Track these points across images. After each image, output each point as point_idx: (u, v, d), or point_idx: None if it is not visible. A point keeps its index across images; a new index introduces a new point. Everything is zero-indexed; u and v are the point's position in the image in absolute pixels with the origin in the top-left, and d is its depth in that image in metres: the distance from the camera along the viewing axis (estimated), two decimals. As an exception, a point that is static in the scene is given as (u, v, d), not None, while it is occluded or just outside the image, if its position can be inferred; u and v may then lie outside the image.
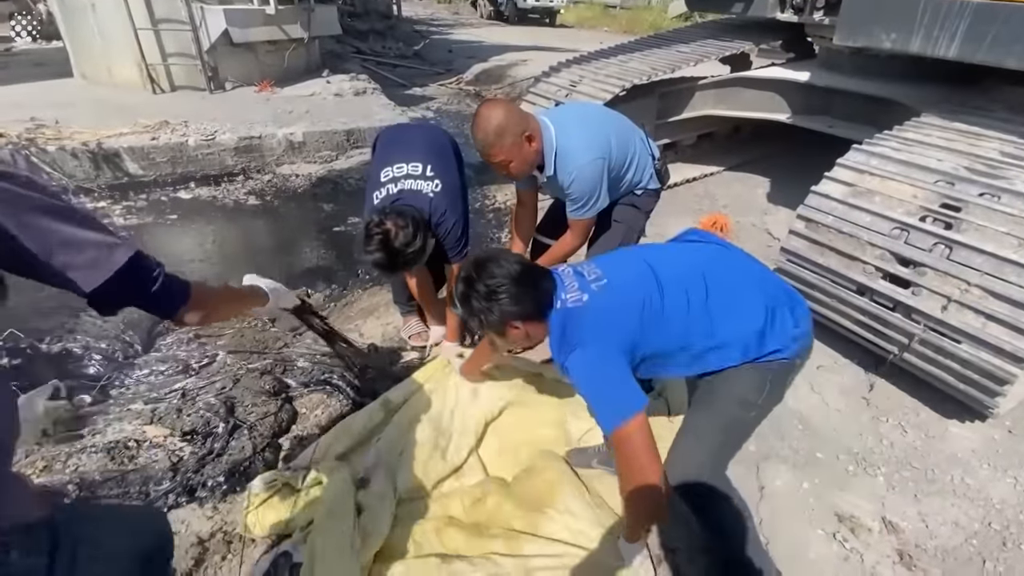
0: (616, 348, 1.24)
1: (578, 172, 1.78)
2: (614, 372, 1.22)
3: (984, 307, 1.75)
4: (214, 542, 1.63)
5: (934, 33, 2.13)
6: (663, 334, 1.28)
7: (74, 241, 0.78)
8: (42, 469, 1.67)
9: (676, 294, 1.28)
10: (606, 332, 1.25)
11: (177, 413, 1.97)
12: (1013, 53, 2.01)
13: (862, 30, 2.38)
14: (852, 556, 1.65)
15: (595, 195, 1.82)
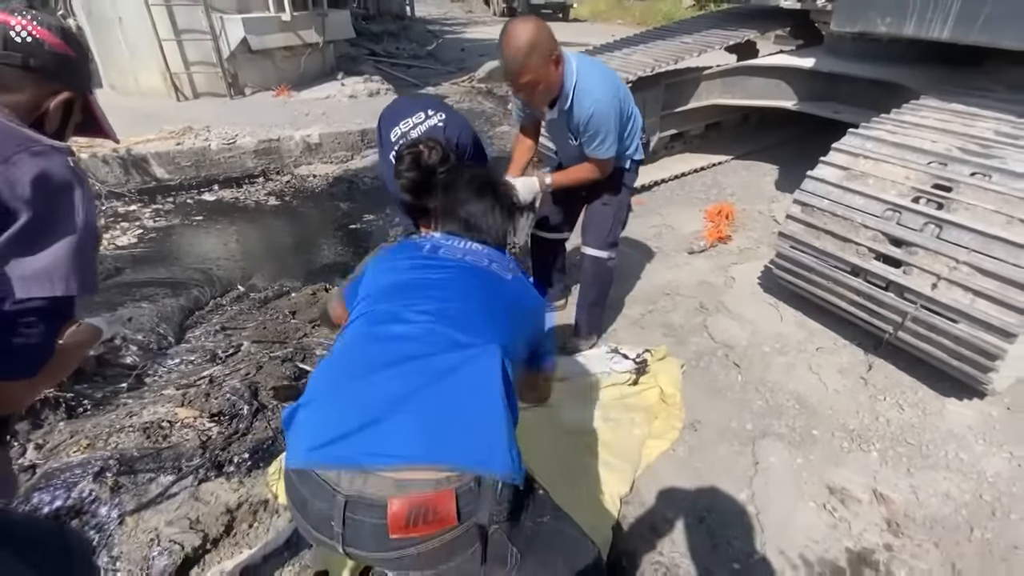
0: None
1: (596, 106, 1.80)
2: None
3: (972, 284, 1.79)
4: (241, 512, 1.77)
5: (927, 15, 2.16)
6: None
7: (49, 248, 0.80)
8: (85, 447, 1.84)
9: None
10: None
11: (205, 397, 2.12)
12: (1006, 33, 2.03)
13: (859, 15, 2.42)
14: (840, 524, 1.72)
15: (612, 132, 1.85)
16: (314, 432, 0.89)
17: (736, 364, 2.38)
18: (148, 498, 1.73)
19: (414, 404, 0.86)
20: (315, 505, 0.88)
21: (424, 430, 0.85)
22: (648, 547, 1.67)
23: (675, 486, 1.85)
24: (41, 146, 0.83)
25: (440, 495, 0.82)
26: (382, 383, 0.90)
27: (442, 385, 0.88)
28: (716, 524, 1.73)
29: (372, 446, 0.84)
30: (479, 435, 0.86)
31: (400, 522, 0.82)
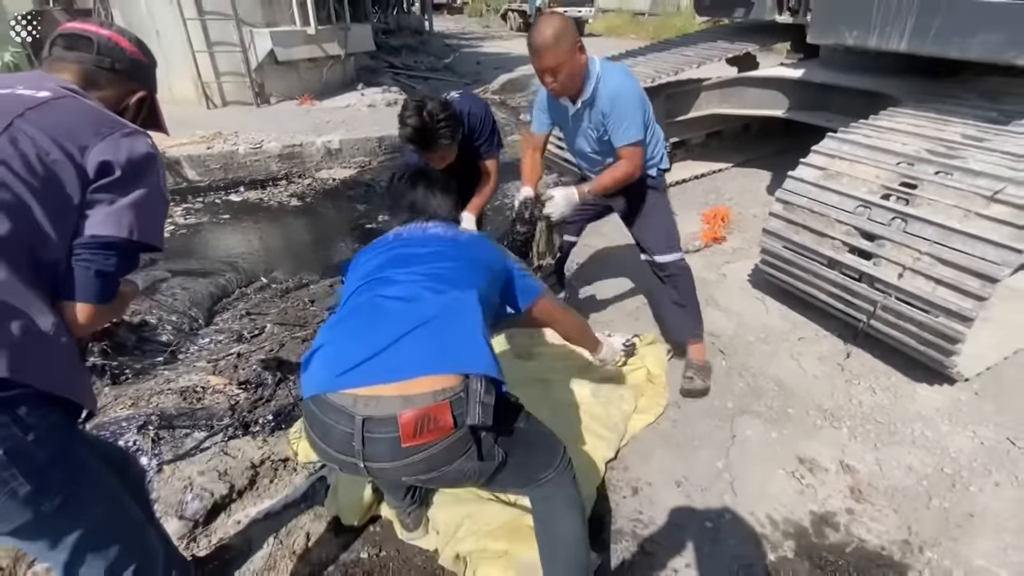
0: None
1: (620, 89, 1.85)
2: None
3: (933, 273, 1.95)
4: (264, 467, 1.98)
5: (887, 30, 2.36)
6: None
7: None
8: (130, 405, 2.07)
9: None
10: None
11: (234, 368, 2.35)
12: (952, 45, 2.21)
13: (830, 29, 2.62)
14: (807, 490, 1.87)
15: (638, 114, 1.87)
16: (330, 365, 1.08)
17: (721, 351, 2.54)
18: (183, 451, 1.95)
19: (411, 335, 1.07)
20: (337, 429, 1.05)
21: (422, 350, 1.06)
22: (629, 506, 1.83)
23: (657, 454, 2.02)
24: (130, 128, 1.05)
25: (439, 405, 1.02)
26: (383, 326, 1.10)
27: (432, 320, 1.09)
28: (692, 488, 1.89)
29: (381, 367, 1.04)
30: (464, 347, 1.08)
31: (409, 431, 1.01)
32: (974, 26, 2.13)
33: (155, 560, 1.22)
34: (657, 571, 1.63)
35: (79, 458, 1.01)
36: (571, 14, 17.83)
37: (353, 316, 1.17)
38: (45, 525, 0.98)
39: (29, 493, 0.90)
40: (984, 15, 2.10)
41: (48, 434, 0.93)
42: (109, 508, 1.09)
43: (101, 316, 1.03)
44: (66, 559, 1.03)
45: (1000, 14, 2.06)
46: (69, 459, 0.98)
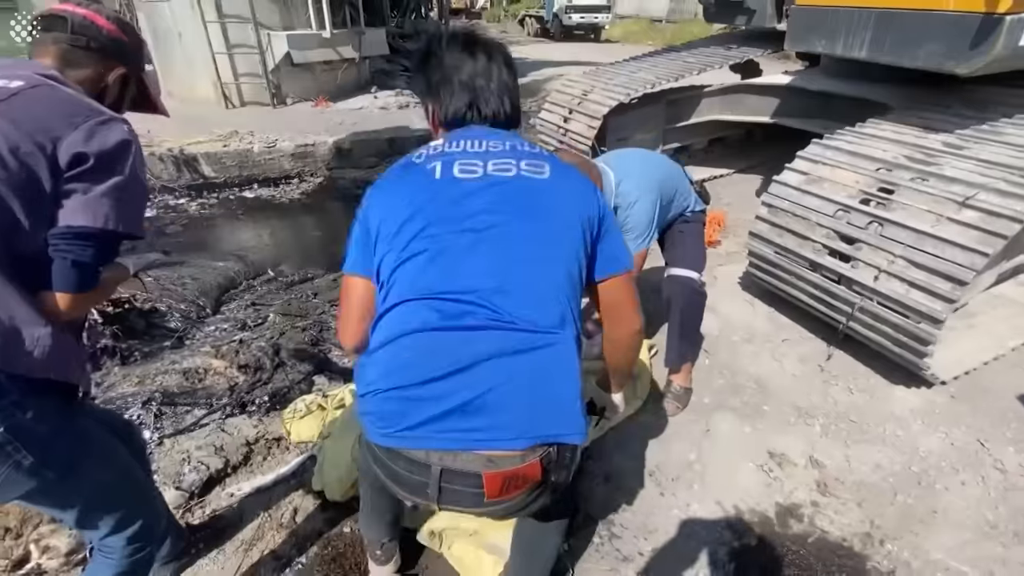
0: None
1: (631, 208, 1.95)
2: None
3: (907, 275, 2.00)
4: (258, 445, 2.09)
5: (850, 40, 2.47)
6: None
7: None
8: (136, 383, 2.20)
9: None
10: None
11: (235, 353, 2.48)
12: (906, 53, 2.32)
13: (802, 38, 2.75)
14: (775, 483, 1.93)
15: (647, 229, 1.97)
16: (396, 412, 0.91)
17: (705, 350, 2.61)
18: (183, 426, 2.07)
19: (497, 392, 0.88)
20: (409, 477, 0.94)
21: (512, 416, 0.89)
22: (601, 492, 1.91)
23: (632, 444, 2.09)
24: (105, 115, 1.01)
25: (530, 466, 0.90)
26: (460, 376, 0.89)
27: (521, 372, 0.90)
28: (664, 477, 1.96)
29: (462, 434, 0.88)
30: (559, 413, 0.92)
31: (495, 491, 0.90)
32: (919, 37, 2.21)
33: (159, 520, 1.33)
34: (622, 553, 1.70)
35: (81, 429, 1.08)
36: (588, 20, 18.05)
37: (416, 343, 0.92)
38: (52, 491, 1.05)
39: (33, 464, 0.97)
40: (926, 27, 2.20)
41: (46, 411, 0.98)
42: (114, 473, 1.18)
43: (82, 304, 1.03)
44: (76, 518, 1.14)
45: (939, 26, 2.15)
46: (70, 431, 1.05)
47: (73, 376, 1.04)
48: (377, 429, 0.94)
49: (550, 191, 1.01)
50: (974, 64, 2.11)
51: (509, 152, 1.03)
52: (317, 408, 2.18)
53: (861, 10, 2.38)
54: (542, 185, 1.01)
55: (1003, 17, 1.96)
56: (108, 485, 1.16)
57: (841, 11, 2.47)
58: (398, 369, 0.92)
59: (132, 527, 1.21)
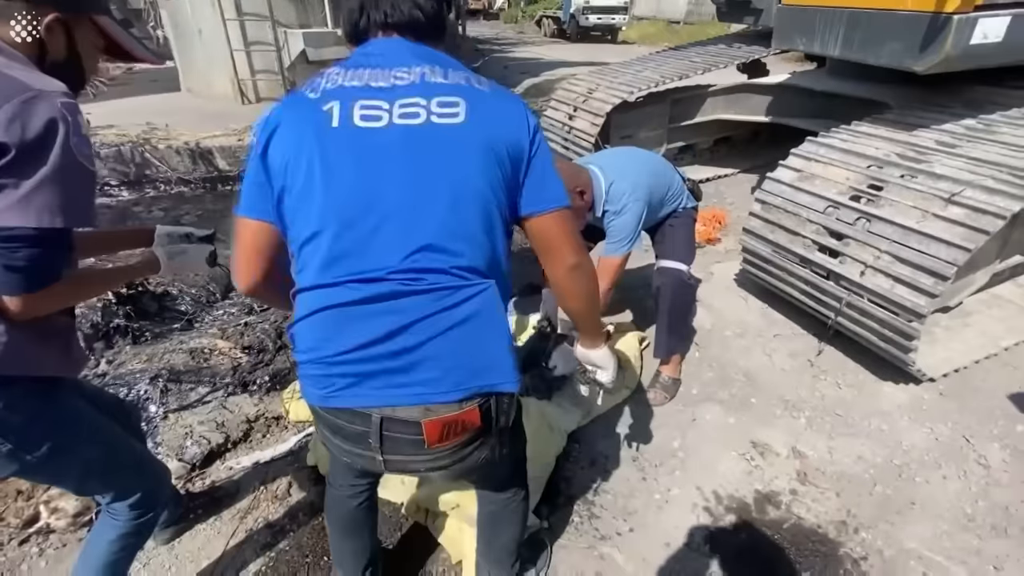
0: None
1: (618, 215, 1.97)
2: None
3: (891, 271, 2.02)
4: (258, 423, 2.19)
5: (826, 38, 2.53)
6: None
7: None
8: (145, 360, 2.31)
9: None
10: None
11: (240, 335, 2.58)
12: (871, 51, 2.37)
13: (786, 37, 2.84)
14: (755, 471, 1.97)
15: (632, 234, 1.99)
16: (330, 375, 0.92)
17: (696, 343, 2.65)
18: (187, 402, 2.17)
19: (429, 350, 0.89)
20: (351, 428, 0.95)
21: (444, 370, 0.90)
22: (584, 475, 1.97)
23: (618, 431, 2.15)
24: (30, 90, 0.85)
25: (467, 412, 0.92)
26: (391, 341, 0.89)
27: (451, 329, 0.90)
28: (647, 463, 2.01)
29: (396, 390, 0.90)
30: (491, 363, 0.94)
31: (435, 438, 0.92)
32: (882, 36, 2.25)
33: (162, 488, 1.39)
34: (600, 532, 1.76)
35: (64, 411, 1.10)
36: (605, 21, 18.04)
37: (341, 316, 0.91)
38: (39, 469, 1.08)
39: (11, 449, 1.00)
40: (888, 26, 2.25)
41: (20, 400, 0.99)
42: (103, 450, 1.20)
43: (40, 303, 0.94)
44: (74, 489, 1.22)
45: (898, 25, 2.21)
46: (50, 415, 1.06)
47: (45, 370, 1.02)
48: (316, 391, 0.94)
49: (465, 139, 0.88)
50: (929, 62, 2.17)
51: (419, 87, 0.89)
52: (315, 389, 2.27)
53: (835, 10, 2.46)
54: (456, 134, 0.88)
55: (951, 16, 2.03)
56: (98, 461, 1.19)
57: (818, 10, 2.55)
58: (329, 338, 0.92)
59: (133, 496, 1.27)
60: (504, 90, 0.97)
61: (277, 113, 0.92)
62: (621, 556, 1.68)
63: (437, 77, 0.91)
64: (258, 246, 0.97)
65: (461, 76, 0.93)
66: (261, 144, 0.91)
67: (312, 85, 0.93)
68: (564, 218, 0.98)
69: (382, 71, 0.91)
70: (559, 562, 1.66)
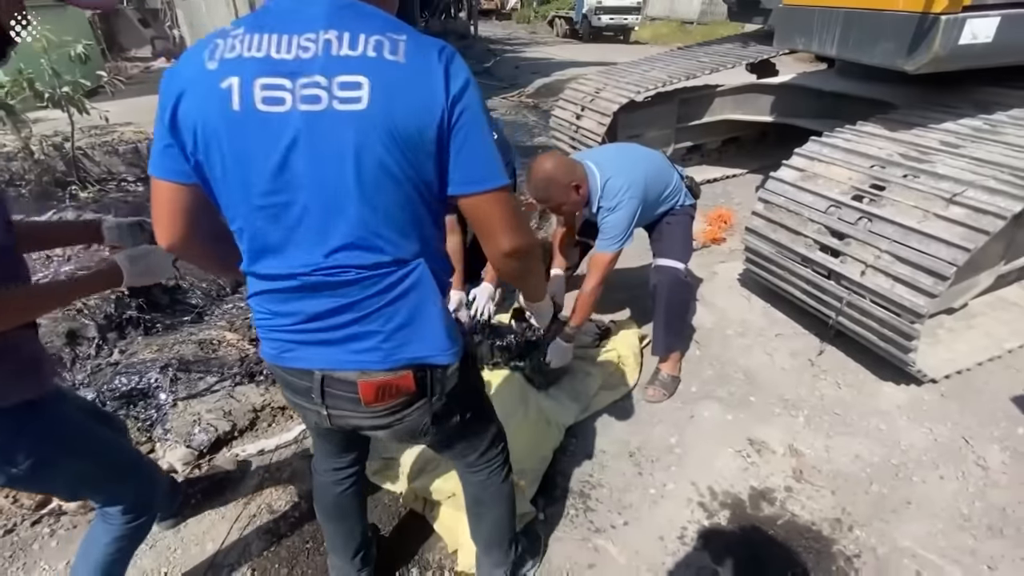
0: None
1: (612, 212, 1.99)
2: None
3: (891, 270, 2.02)
4: (264, 412, 2.24)
5: (823, 38, 2.55)
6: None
7: None
8: (156, 350, 2.38)
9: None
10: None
11: (248, 327, 2.64)
12: (865, 51, 2.39)
13: (787, 38, 2.85)
14: (751, 468, 1.98)
15: (625, 232, 2.01)
16: (275, 337, 0.99)
17: (697, 342, 2.66)
18: (196, 391, 2.23)
19: (365, 325, 0.94)
20: (297, 383, 1.02)
21: (377, 342, 0.95)
22: (582, 469, 1.99)
23: (615, 427, 2.17)
24: None
25: (401, 377, 0.97)
26: (330, 318, 0.94)
27: (386, 307, 0.93)
28: (643, 458, 2.03)
29: (331, 356, 0.96)
30: (424, 337, 0.97)
31: (370, 398, 0.97)
32: (876, 36, 2.26)
33: (155, 492, 1.38)
34: (595, 525, 1.78)
35: (47, 425, 1.10)
36: (617, 21, 18.01)
37: (283, 300, 0.95)
38: (26, 480, 1.10)
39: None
40: (880, 26, 2.26)
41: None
42: (92, 458, 1.21)
43: None
44: (66, 496, 1.23)
45: (890, 25, 2.22)
46: (31, 432, 1.07)
47: (9, 398, 1.01)
48: (269, 351, 1.02)
49: (369, 127, 0.79)
50: (918, 62, 2.18)
51: (321, 62, 0.79)
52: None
53: (831, 10, 2.47)
54: (358, 122, 0.79)
55: (939, 17, 2.05)
56: (86, 471, 1.20)
57: (816, 10, 2.56)
58: (275, 312, 0.97)
59: (125, 501, 1.28)
60: (424, 52, 0.81)
61: (181, 77, 0.83)
62: (615, 548, 1.71)
63: (344, 48, 0.79)
64: (175, 206, 0.92)
65: (372, 42, 0.79)
66: (168, 110, 0.83)
67: (210, 48, 0.82)
68: (496, 200, 0.88)
69: (288, 37, 0.80)
70: (553, 553, 1.69)
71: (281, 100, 0.79)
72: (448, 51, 0.83)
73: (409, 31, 0.82)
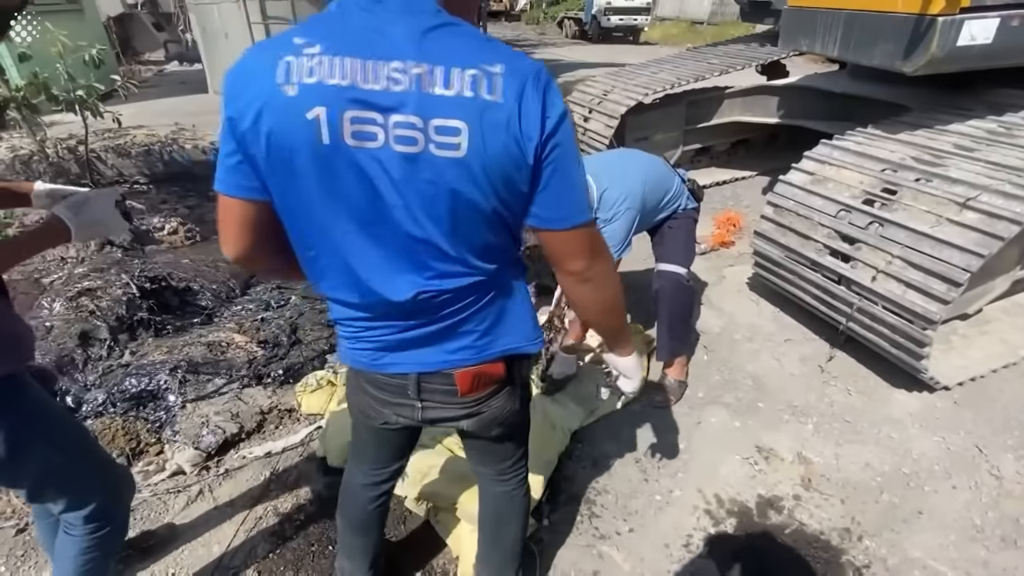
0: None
1: (609, 223, 1.97)
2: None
3: (903, 276, 1.99)
4: (271, 415, 2.26)
5: (826, 39, 2.55)
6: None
7: None
8: (165, 352, 2.40)
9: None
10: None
11: (256, 330, 2.66)
12: (865, 53, 2.38)
13: (792, 39, 2.84)
14: (759, 476, 1.96)
15: (622, 242, 1.99)
16: (367, 349, 1.01)
17: (705, 347, 2.64)
18: (204, 393, 2.25)
19: (456, 328, 0.97)
20: (392, 381, 1.04)
21: (471, 341, 0.99)
22: (587, 474, 1.98)
23: (622, 432, 2.16)
24: None
25: (493, 364, 1.03)
26: (425, 327, 0.96)
27: (478, 309, 0.96)
28: (650, 464, 2.02)
29: (430, 358, 1.00)
30: (514, 330, 1.02)
31: (466, 388, 1.02)
32: (875, 37, 2.24)
33: (116, 499, 1.30)
34: (600, 532, 1.77)
35: (27, 413, 1.08)
36: (627, 22, 17.95)
37: (365, 318, 0.97)
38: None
39: None
40: (879, 28, 2.26)
41: None
42: (74, 447, 1.18)
43: None
44: (29, 492, 1.16)
45: (889, 26, 2.21)
46: (10, 418, 1.05)
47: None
48: (360, 359, 1.03)
49: (466, 173, 0.77)
50: (916, 63, 2.18)
51: (415, 99, 0.74)
52: (327, 383, 2.33)
53: (834, 11, 2.47)
54: (456, 169, 0.77)
55: (936, 18, 2.04)
56: (60, 463, 1.15)
57: (819, 12, 2.57)
58: (366, 327, 0.98)
59: (87, 506, 1.21)
60: (520, 83, 0.76)
61: (251, 94, 0.76)
62: (619, 555, 1.70)
63: (437, 85, 0.73)
64: (245, 223, 0.88)
65: (468, 78, 0.74)
66: (240, 126, 0.77)
67: (283, 67, 0.74)
68: (576, 236, 0.87)
69: (373, 65, 0.74)
70: (558, 559, 1.68)
71: (373, 136, 0.76)
72: (544, 78, 0.78)
73: (503, 55, 0.77)
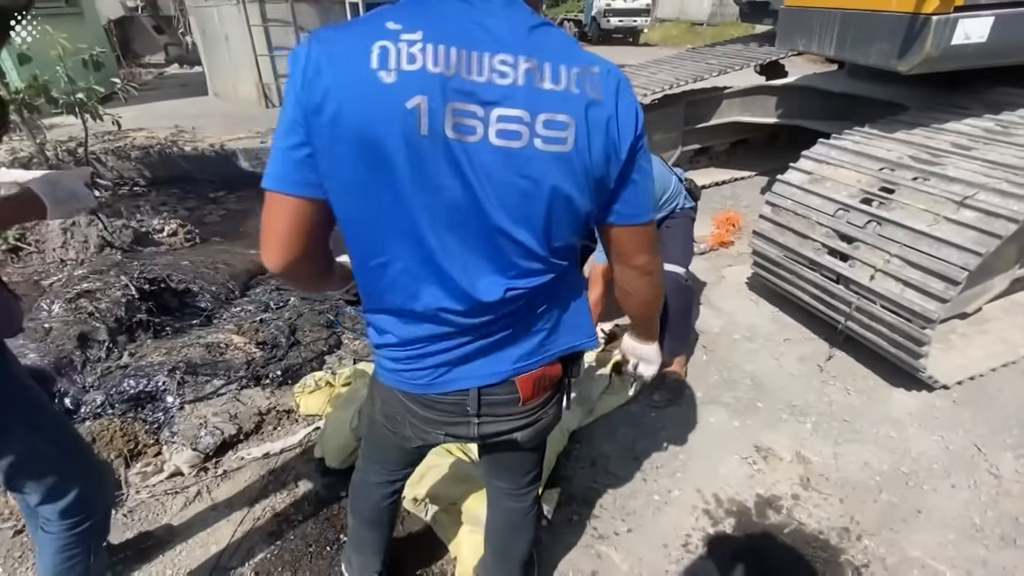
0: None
1: None
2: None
3: (901, 275, 1.99)
4: (270, 416, 2.26)
5: (822, 39, 2.57)
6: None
7: None
8: (164, 353, 2.40)
9: None
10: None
11: (255, 331, 2.66)
12: (861, 52, 2.40)
13: (789, 39, 2.87)
14: (758, 475, 1.95)
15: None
16: (430, 368, 0.93)
17: (704, 346, 2.63)
18: (203, 394, 2.25)
19: (519, 330, 0.93)
20: (448, 400, 0.97)
21: (533, 343, 0.95)
22: (586, 475, 1.98)
23: (621, 431, 2.15)
24: None
25: (552, 366, 0.99)
26: (482, 340, 0.91)
27: (537, 305, 0.93)
28: (648, 464, 2.02)
29: (493, 368, 0.94)
30: (574, 327, 1.00)
31: (528, 392, 0.97)
32: (871, 36, 2.25)
33: (99, 491, 1.26)
34: (598, 532, 1.77)
35: (13, 392, 1.05)
36: (626, 23, 17.96)
37: (433, 336, 0.90)
38: None
39: None
40: (875, 27, 2.27)
41: None
42: (55, 432, 1.15)
43: None
44: (3, 477, 1.10)
45: (884, 25, 2.23)
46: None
47: None
48: (419, 382, 0.95)
49: (569, 167, 0.75)
50: (911, 62, 2.19)
51: (523, 94, 0.71)
52: (325, 385, 2.33)
53: (829, 11, 2.49)
54: (560, 163, 0.74)
55: (930, 17, 2.05)
56: (40, 448, 1.11)
57: (816, 12, 2.58)
58: (435, 338, 0.90)
59: (64, 497, 1.16)
60: (612, 83, 0.76)
61: (331, 77, 0.69)
62: (618, 555, 1.69)
63: (546, 81, 0.72)
64: (299, 225, 0.80)
65: (574, 76, 0.73)
66: (315, 115, 0.70)
67: (379, 52, 0.68)
68: (643, 232, 0.91)
69: (478, 56, 0.70)
70: (556, 560, 1.68)
71: (471, 129, 0.71)
72: (625, 81, 0.78)
73: (593, 56, 0.77)
